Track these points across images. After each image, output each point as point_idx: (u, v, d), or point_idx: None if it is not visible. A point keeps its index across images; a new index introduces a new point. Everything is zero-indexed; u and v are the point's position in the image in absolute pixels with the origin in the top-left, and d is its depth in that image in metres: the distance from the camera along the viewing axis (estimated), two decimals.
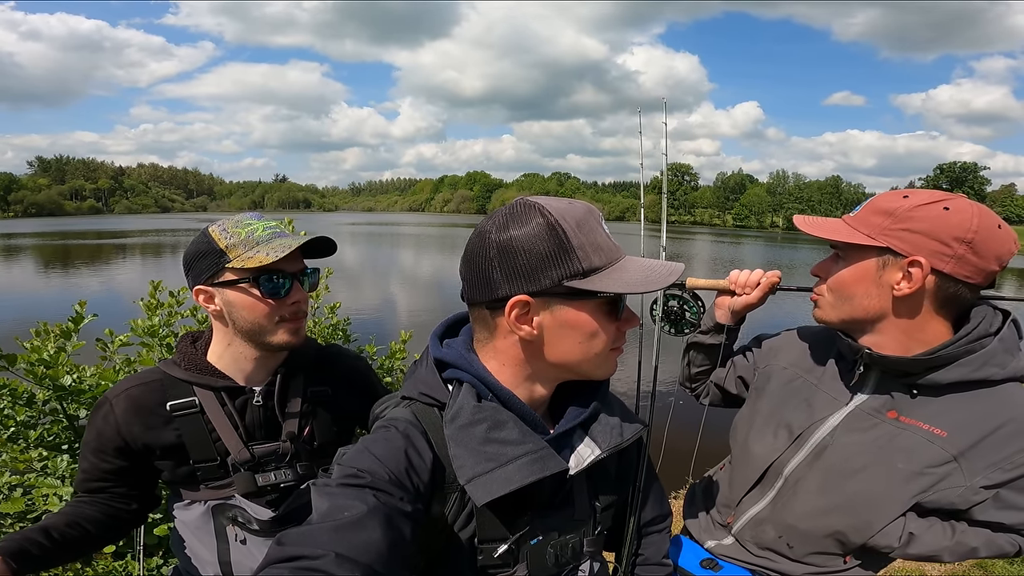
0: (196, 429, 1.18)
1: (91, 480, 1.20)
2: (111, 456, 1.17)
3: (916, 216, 1.01)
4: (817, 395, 1.23)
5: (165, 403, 1.17)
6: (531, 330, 0.82)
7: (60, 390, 2.01)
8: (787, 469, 1.22)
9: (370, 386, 1.40)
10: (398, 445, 0.81)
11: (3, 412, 2.05)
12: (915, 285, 1.02)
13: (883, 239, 1.04)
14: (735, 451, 1.37)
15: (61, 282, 19.87)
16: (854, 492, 1.12)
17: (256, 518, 1.20)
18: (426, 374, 0.91)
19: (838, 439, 1.16)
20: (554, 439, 0.87)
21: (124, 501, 1.23)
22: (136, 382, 1.20)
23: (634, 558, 1.15)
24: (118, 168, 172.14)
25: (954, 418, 1.06)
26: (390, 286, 19.97)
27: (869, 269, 1.08)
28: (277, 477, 1.22)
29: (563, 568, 0.93)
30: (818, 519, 1.17)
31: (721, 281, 1.41)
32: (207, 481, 1.20)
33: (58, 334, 2.14)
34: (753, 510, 1.29)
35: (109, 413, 1.16)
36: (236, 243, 1.14)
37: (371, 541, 0.66)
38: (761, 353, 1.42)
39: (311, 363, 1.31)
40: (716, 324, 1.43)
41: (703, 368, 1.51)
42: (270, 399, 1.24)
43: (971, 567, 3.47)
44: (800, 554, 1.22)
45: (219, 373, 1.21)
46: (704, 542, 1.39)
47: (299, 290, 1.20)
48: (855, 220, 1.10)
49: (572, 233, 0.78)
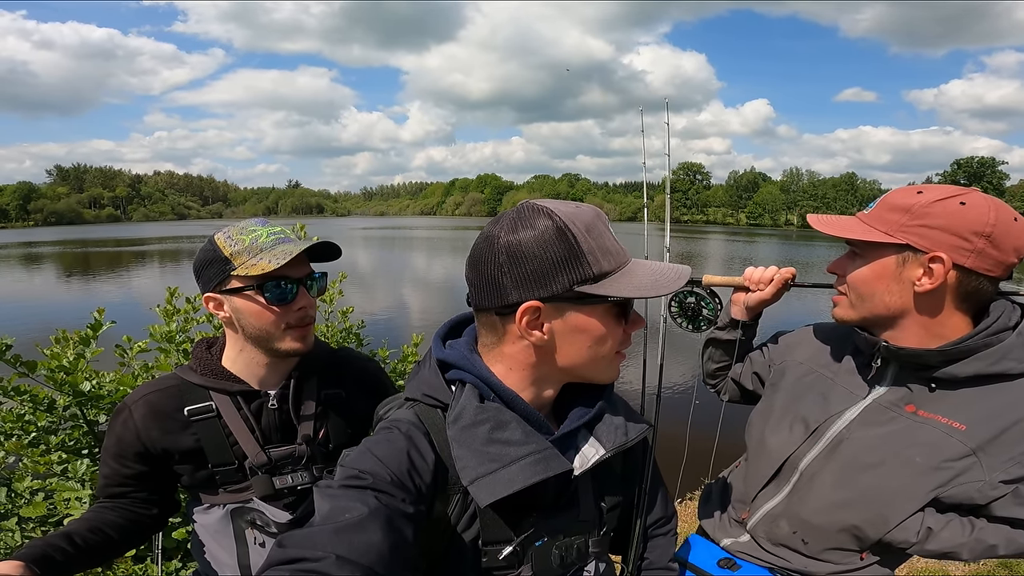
0: (214, 433, 1.19)
1: (112, 485, 1.21)
2: (131, 461, 1.19)
3: (933, 212, 1.01)
4: (834, 389, 1.22)
5: (183, 408, 1.18)
6: (541, 335, 0.81)
7: (80, 396, 2.04)
8: (803, 463, 1.22)
9: (382, 388, 1.40)
10: (400, 446, 0.81)
11: (25, 418, 2.09)
12: (937, 280, 1.02)
13: (902, 236, 1.03)
14: (751, 446, 1.37)
15: (82, 289, 20.24)
16: (869, 486, 1.11)
17: (274, 520, 1.21)
18: (429, 375, 0.91)
19: (854, 433, 1.16)
20: (558, 439, 0.87)
21: (145, 506, 1.24)
22: (154, 388, 1.21)
23: (640, 561, 1.14)
24: (135, 176, 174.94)
25: (973, 412, 1.06)
26: (403, 289, 20.08)
27: (888, 266, 1.07)
28: (294, 480, 1.23)
29: (568, 569, 0.92)
30: (832, 513, 1.16)
31: (736, 278, 1.42)
32: (226, 484, 1.21)
33: (77, 341, 2.17)
34: (768, 505, 1.28)
35: (128, 419, 1.18)
36: (240, 250, 1.14)
37: (372, 543, 0.66)
38: (777, 349, 1.43)
39: (324, 366, 1.32)
40: (732, 320, 1.45)
41: (722, 364, 1.53)
42: (285, 402, 1.25)
43: (996, 567, 3.40)
44: (815, 550, 1.21)
45: (234, 378, 1.22)
46: (720, 540, 1.38)
47: (305, 296, 1.20)
48: (870, 218, 1.10)
49: (582, 237, 0.78)
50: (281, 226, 1.23)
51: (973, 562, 3.38)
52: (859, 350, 1.22)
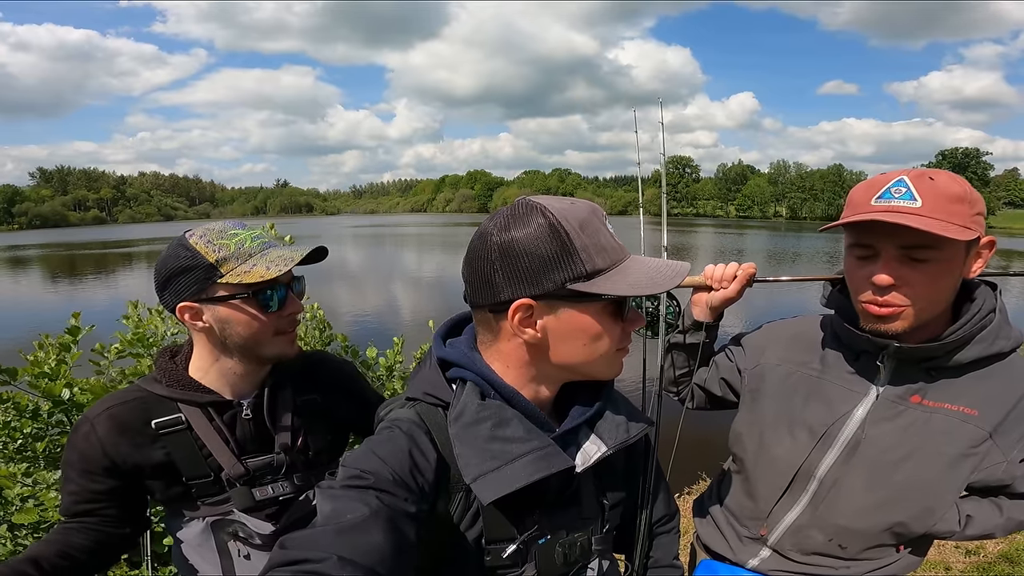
0: (184, 446, 1.14)
1: (81, 502, 1.14)
2: (100, 476, 1.12)
3: (977, 198, 1.00)
4: (829, 389, 1.19)
5: (149, 421, 1.13)
6: (535, 333, 0.81)
7: (60, 403, 2.00)
8: (820, 471, 1.18)
9: (359, 390, 1.38)
10: (402, 445, 0.80)
11: (10, 424, 2.05)
12: (984, 264, 1.03)
13: (975, 227, 0.98)
14: (748, 459, 1.31)
15: (67, 293, 19.99)
16: (904, 482, 1.10)
17: (257, 532, 1.18)
18: (430, 374, 0.90)
19: (870, 432, 1.13)
20: (560, 437, 0.86)
21: (115, 524, 1.17)
22: (116, 401, 1.15)
23: (645, 560, 1.13)
24: (120, 177, 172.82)
25: (979, 395, 1.07)
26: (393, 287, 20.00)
27: (960, 262, 1.01)
28: (275, 490, 1.19)
29: (572, 567, 0.92)
30: (874, 515, 1.14)
31: (696, 277, 1.36)
32: (203, 498, 1.17)
33: (58, 347, 2.14)
34: (789, 517, 1.24)
35: (91, 433, 1.11)
36: (227, 256, 1.09)
37: (374, 543, 0.65)
38: (744, 353, 1.38)
39: (298, 371, 1.29)
40: (695, 322, 1.39)
41: (685, 369, 1.46)
42: (259, 412, 1.20)
43: (997, 559, 3.46)
44: (854, 552, 1.19)
45: (203, 388, 1.17)
46: (745, 563, 1.32)
47: (293, 300, 1.18)
48: (935, 211, 0.96)
49: (575, 235, 0.77)
50: (258, 227, 1.19)
51: (1006, 539, 3.46)
52: (841, 343, 1.20)
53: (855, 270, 1.07)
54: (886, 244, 1.00)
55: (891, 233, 0.97)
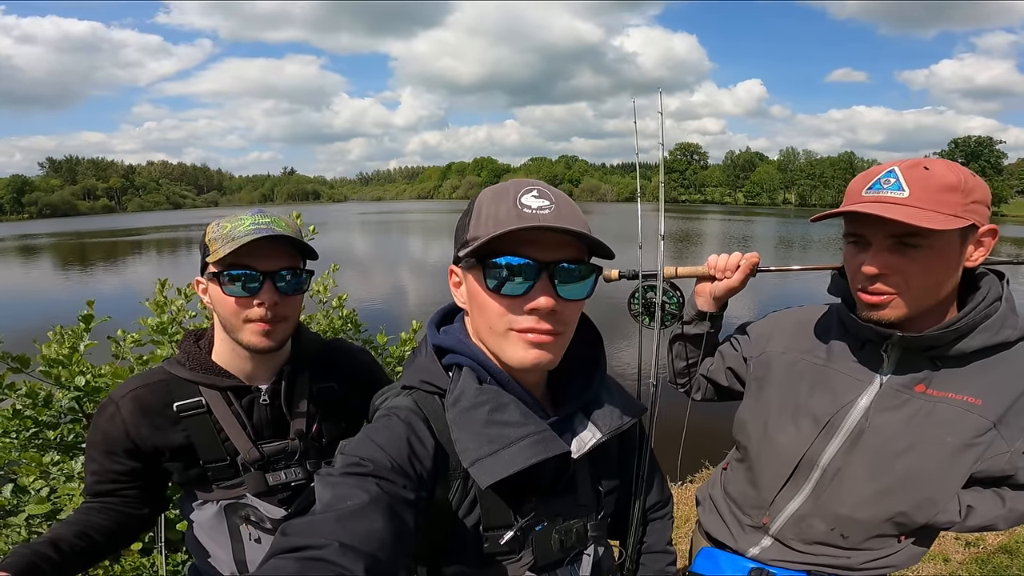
0: (204, 429, 1.17)
1: (103, 482, 1.17)
2: (122, 457, 1.15)
3: (975, 186, 0.99)
4: (834, 378, 1.19)
5: (172, 404, 1.16)
6: (463, 300, 0.87)
7: (76, 390, 2.03)
8: (823, 459, 1.18)
9: (376, 380, 1.38)
10: (400, 432, 0.81)
11: (24, 413, 2.07)
12: (987, 253, 1.02)
13: (969, 216, 0.98)
14: (752, 447, 1.31)
15: (79, 282, 20.14)
16: (906, 472, 1.10)
17: (269, 517, 1.20)
18: (426, 361, 0.90)
19: (874, 421, 1.13)
20: (555, 423, 0.87)
21: (135, 505, 1.20)
22: (141, 383, 1.18)
23: (639, 545, 1.14)
24: (128, 167, 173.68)
25: (983, 384, 1.06)
26: (400, 273, 20.04)
27: (955, 251, 1.01)
28: (288, 476, 1.22)
29: (568, 553, 0.93)
30: (876, 505, 1.14)
31: (699, 268, 1.37)
32: (218, 481, 1.19)
33: (72, 335, 2.16)
34: (791, 506, 1.24)
35: (116, 414, 1.14)
36: (218, 236, 1.12)
37: (374, 530, 0.66)
38: (750, 341, 1.37)
39: (316, 359, 1.30)
40: (699, 312, 1.38)
41: (690, 361, 1.45)
42: (277, 398, 1.22)
43: (996, 551, 3.45)
44: (855, 542, 1.20)
45: (224, 372, 1.19)
46: (746, 551, 1.33)
47: (269, 291, 1.12)
48: (925, 202, 0.96)
49: (478, 205, 0.81)
50: (276, 216, 1.18)
51: (1006, 531, 3.44)
52: (847, 331, 1.19)
53: (849, 259, 1.09)
54: (876, 234, 1.02)
55: (880, 223, 0.99)
